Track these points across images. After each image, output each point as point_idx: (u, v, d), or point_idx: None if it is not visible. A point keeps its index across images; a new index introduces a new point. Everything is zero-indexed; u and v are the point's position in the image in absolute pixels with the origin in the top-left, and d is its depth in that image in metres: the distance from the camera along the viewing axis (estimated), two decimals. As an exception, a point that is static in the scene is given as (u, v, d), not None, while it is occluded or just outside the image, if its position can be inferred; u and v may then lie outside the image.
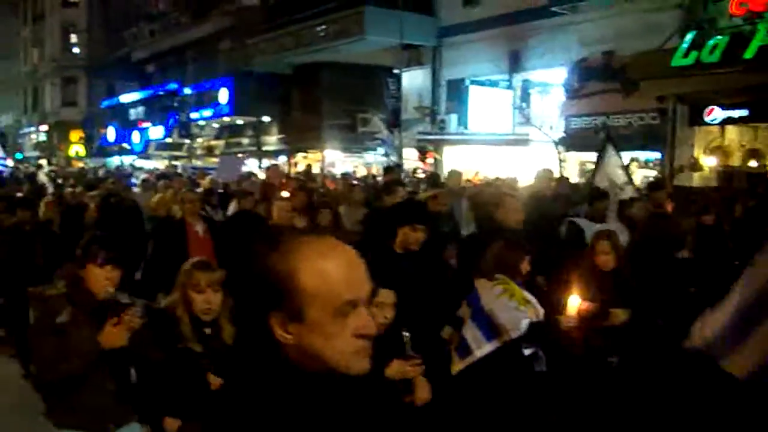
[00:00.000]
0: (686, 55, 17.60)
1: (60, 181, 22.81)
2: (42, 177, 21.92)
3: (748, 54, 16.33)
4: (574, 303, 6.10)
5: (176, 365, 4.50)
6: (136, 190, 16.11)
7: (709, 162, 19.62)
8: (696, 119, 19.31)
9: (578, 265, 6.75)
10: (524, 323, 5.81)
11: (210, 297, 4.61)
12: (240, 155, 33.48)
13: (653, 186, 11.52)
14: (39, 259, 9.58)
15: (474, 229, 9.74)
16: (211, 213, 12.59)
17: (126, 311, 4.40)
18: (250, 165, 26.94)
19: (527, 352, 6.01)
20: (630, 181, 11.30)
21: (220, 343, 4.61)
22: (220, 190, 15.68)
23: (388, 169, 17.23)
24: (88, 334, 4.39)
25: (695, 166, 19.31)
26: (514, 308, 5.86)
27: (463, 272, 7.12)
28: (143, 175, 19.61)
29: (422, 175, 24.08)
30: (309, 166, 26.18)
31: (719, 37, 17.26)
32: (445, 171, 26.07)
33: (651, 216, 8.44)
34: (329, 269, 1.95)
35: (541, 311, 5.98)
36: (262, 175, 18.20)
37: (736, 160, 19.94)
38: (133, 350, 4.50)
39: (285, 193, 12.01)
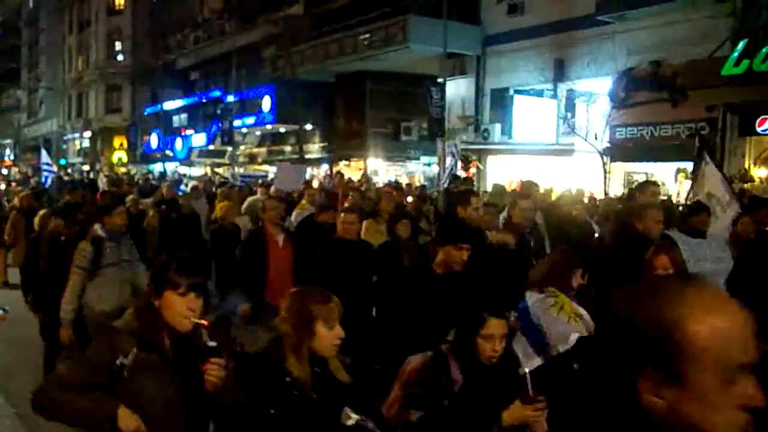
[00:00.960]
0: (737, 63, 17.36)
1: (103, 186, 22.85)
2: (102, 182, 21.87)
3: (803, 63, 16.11)
4: None
5: (298, 422, 3.63)
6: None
7: (760, 173, 19.32)
8: (747, 129, 19.07)
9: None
10: (573, 337, 5.50)
11: (341, 331, 3.87)
12: (282, 162, 33.35)
13: (757, 203, 10.65)
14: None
15: (548, 242, 9.15)
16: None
17: (211, 360, 3.64)
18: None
19: (577, 366, 5.68)
20: (735, 196, 10.46)
21: (335, 384, 3.86)
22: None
23: (455, 178, 16.92)
24: (154, 382, 3.69)
25: (745, 177, 19.00)
26: (564, 322, 5.59)
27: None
28: (192, 183, 19.26)
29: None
30: (365, 174, 25.35)
31: (773, 45, 17.04)
32: (488, 181, 26.02)
33: (761, 234, 8.15)
34: (723, 325, 1.63)
35: (592, 326, 5.66)
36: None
37: (788, 172, 19.65)
38: (213, 398, 3.74)
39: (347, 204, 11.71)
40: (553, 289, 5.74)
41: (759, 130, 18.55)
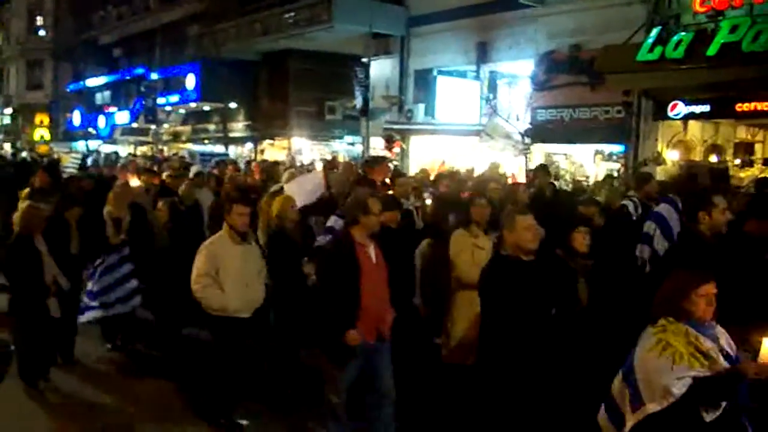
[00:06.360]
0: (651, 50, 17.75)
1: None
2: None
3: (711, 51, 16.50)
4: None
5: None
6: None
7: (671, 156, 19.83)
8: (660, 114, 19.46)
9: None
10: (677, 388, 4.23)
11: None
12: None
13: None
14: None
15: None
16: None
17: None
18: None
19: (709, 417, 4.31)
20: None
21: None
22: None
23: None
24: None
25: (658, 160, 19.49)
26: (665, 368, 4.28)
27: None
28: (194, 168, 16.67)
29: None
30: (334, 157, 23.36)
31: (683, 33, 17.44)
32: (411, 160, 26.23)
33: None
34: None
35: (722, 362, 4.36)
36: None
37: (697, 155, 20.19)
38: None
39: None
40: (665, 321, 4.49)
41: (671, 114, 18.97)
